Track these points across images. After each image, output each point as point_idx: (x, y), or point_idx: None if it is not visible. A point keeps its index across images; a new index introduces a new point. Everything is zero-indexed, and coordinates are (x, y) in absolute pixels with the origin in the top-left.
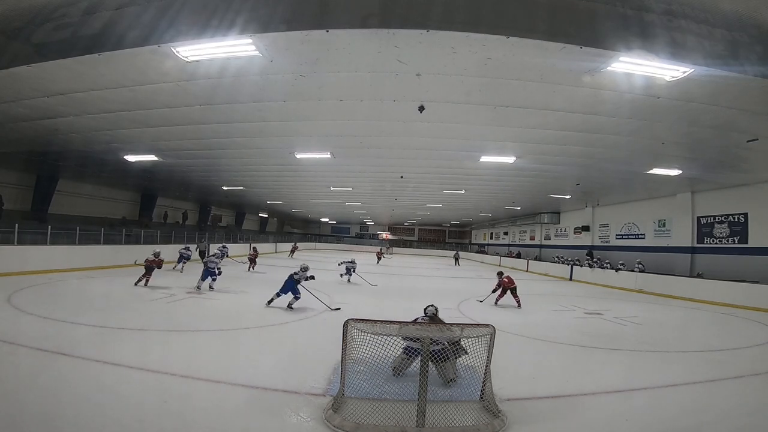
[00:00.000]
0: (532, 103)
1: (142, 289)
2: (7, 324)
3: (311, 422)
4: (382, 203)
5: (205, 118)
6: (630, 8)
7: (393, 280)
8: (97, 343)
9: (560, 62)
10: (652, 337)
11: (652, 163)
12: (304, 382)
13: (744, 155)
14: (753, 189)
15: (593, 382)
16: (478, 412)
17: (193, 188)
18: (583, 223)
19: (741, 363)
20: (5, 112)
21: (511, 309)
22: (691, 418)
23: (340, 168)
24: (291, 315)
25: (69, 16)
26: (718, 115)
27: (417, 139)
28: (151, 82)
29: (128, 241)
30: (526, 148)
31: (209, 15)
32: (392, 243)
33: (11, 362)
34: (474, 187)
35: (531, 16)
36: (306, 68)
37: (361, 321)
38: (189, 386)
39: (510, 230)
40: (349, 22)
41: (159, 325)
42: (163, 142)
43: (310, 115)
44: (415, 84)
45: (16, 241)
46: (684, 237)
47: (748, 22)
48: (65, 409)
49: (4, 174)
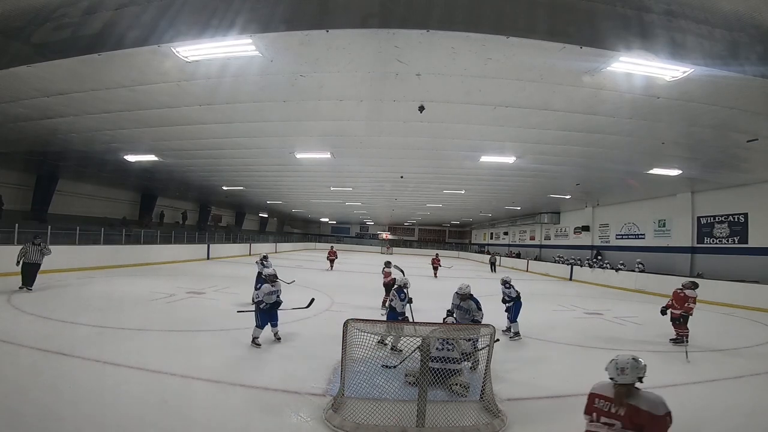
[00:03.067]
0: (532, 103)
1: (142, 289)
2: (7, 324)
3: (311, 422)
4: (382, 203)
5: (205, 118)
6: (630, 8)
7: None
8: (97, 343)
9: (560, 62)
10: (652, 337)
11: (652, 163)
12: (304, 382)
13: (744, 155)
14: (753, 189)
15: (593, 382)
16: (478, 412)
17: (193, 188)
18: (583, 223)
19: (741, 363)
20: (5, 112)
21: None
22: (691, 418)
23: (340, 168)
24: (291, 315)
25: (69, 16)
26: (718, 115)
27: (417, 139)
28: (151, 82)
29: (128, 241)
30: (525, 148)
31: (209, 15)
32: (392, 243)
33: (11, 362)
34: (474, 187)
35: (531, 16)
36: (306, 68)
37: (361, 321)
38: (189, 386)
39: (510, 230)
40: (349, 22)
41: (159, 325)
42: (163, 142)
43: (310, 115)
44: (415, 84)
45: (16, 241)
46: (684, 237)
47: (748, 22)
48: (65, 409)
49: (4, 174)
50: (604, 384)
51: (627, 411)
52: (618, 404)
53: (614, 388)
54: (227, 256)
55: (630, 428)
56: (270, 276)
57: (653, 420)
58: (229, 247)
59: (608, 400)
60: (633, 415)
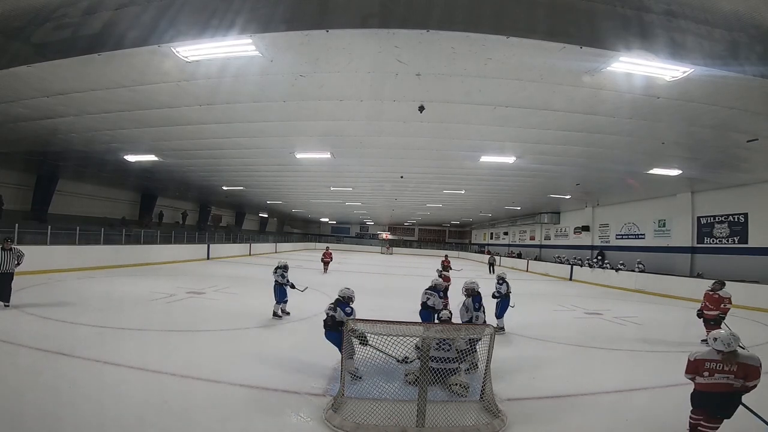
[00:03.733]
0: (532, 103)
1: (142, 289)
2: (7, 324)
3: (311, 422)
4: (381, 203)
5: (205, 118)
6: (630, 8)
7: (394, 280)
8: (97, 343)
9: (560, 62)
10: (652, 337)
11: (652, 163)
12: (304, 382)
13: (744, 155)
14: (753, 189)
15: (593, 382)
16: (478, 412)
17: (193, 188)
18: (583, 223)
19: None
20: (5, 112)
21: (511, 309)
22: None
23: (340, 168)
24: (291, 315)
25: (69, 16)
26: (718, 115)
27: (417, 139)
28: (151, 82)
29: (128, 241)
30: (525, 148)
31: (209, 15)
32: (392, 243)
33: (11, 362)
34: (474, 187)
35: (531, 16)
36: (306, 68)
37: (360, 321)
38: (189, 386)
39: (510, 230)
40: (349, 22)
41: (159, 325)
42: (163, 142)
43: (310, 115)
44: (415, 84)
45: (16, 241)
46: (684, 237)
47: (748, 22)
48: (65, 409)
49: (4, 174)
50: (705, 352)
51: (738, 367)
52: (730, 363)
53: (722, 354)
54: (227, 256)
55: (741, 377)
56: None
57: (755, 369)
58: (229, 247)
59: (719, 362)
60: (741, 368)
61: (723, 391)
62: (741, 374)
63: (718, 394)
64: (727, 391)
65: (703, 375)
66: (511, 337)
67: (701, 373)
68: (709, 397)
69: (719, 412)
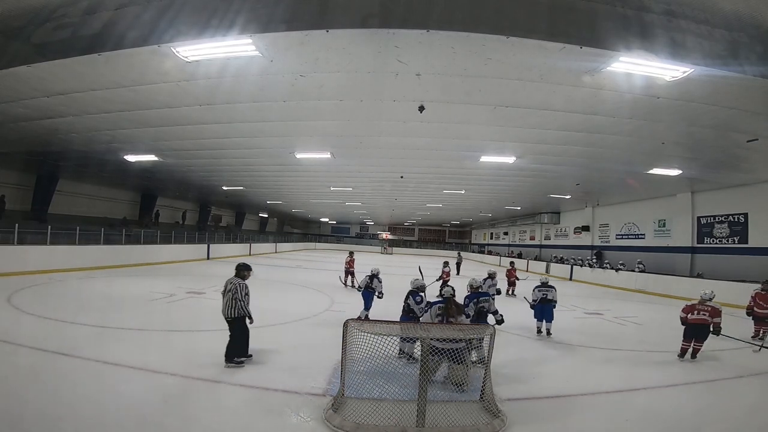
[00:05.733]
0: (532, 103)
1: (142, 289)
2: (7, 324)
3: (311, 422)
4: (381, 203)
5: (205, 118)
6: (630, 8)
7: (394, 280)
8: (97, 343)
9: (560, 62)
10: (652, 337)
11: (652, 163)
12: (304, 382)
13: (744, 155)
14: (753, 189)
15: (593, 382)
16: (478, 412)
17: (193, 188)
18: (583, 223)
19: (741, 363)
20: (5, 112)
21: (511, 309)
22: (691, 418)
23: (340, 168)
24: (291, 315)
25: (69, 16)
26: (718, 115)
27: (417, 139)
28: (151, 82)
29: (128, 241)
30: (525, 148)
31: (209, 15)
32: (392, 243)
33: (11, 362)
34: (474, 187)
35: (531, 16)
36: (306, 68)
37: (360, 321)
38: (189, 386)
39: (510, 230)
40: (349, 22)
41: (159, 325)
42: (163, 142)
43: (310, 115)
44: (415, 84)
45: (16, 241)
46: (684, 237)
47: (748, 22)
48: (65, 409)
49: (4, 174)
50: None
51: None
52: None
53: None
54: (227, 256)
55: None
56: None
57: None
58: (229, 247)
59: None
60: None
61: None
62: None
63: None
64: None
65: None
66: (511, 337)
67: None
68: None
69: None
